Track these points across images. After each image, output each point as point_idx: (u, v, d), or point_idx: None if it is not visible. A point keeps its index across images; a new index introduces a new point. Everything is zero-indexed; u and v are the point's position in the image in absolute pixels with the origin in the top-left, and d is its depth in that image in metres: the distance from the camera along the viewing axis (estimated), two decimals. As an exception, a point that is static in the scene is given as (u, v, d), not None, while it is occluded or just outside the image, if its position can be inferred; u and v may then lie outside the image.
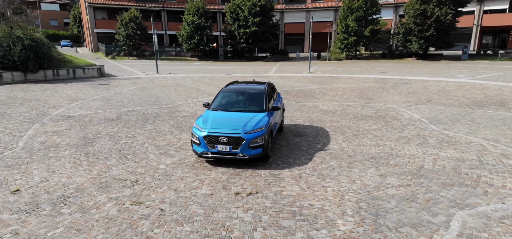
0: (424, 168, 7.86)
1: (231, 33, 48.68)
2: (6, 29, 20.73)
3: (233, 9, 47.58)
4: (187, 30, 46.41)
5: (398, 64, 37.09)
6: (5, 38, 20.28)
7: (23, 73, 20.92)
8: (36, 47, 20.97)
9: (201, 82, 22.46)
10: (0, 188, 6.47)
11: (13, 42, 20.26)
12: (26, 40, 20.58)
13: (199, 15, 46.18)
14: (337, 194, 6.59)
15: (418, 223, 5.53)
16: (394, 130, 11.03)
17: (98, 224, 5.34)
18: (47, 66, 22.00)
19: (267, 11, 47.11)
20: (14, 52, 20.12)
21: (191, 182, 7.05)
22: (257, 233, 5.24)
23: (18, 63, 20.40)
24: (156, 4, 57.34)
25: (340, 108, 14.37)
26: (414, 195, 6.54)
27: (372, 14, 44.79)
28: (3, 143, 9.30)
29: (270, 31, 48.49)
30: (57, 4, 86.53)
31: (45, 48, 21.90)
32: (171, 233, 5.15)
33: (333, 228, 5.44)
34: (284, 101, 15.84)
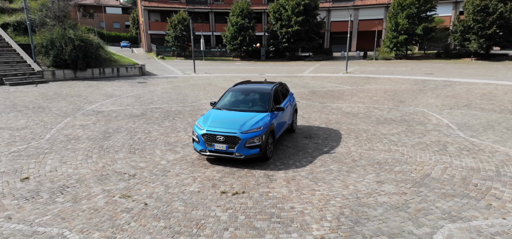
0: (430, 176, 7.28)
1: (273, 33, 48.85)
2: (59, 31, 22.89)
3: (276, 9, 47.65)
4: (231, 31, 47.52)
5: (452, 64, 34.39)
6: (58, 39, 22.40)
7: (73, 71, 22.95)
8: (85, 47, 22.88)
9: (232, 82, 22.78)
10: (14, 175, 7.20)
11: (65, 42, 22.31)
12: (76, 40, 22.55)
13: (243, 16, 46.96)
14: (323, 198, 6.37)
15: (397, 234, 5.17)
16: (414, 135, 10.31)
17: (83, 214, 5.72)
18: (94, 65, 23.90)
19: (311, 10, 46.43)
20: (65, 51, 22.16)
21: (184, 179, 7.25)
22: (227, 233, 5.25)
23: (68, 62, 22.43)
24: (205, 6, 59.47)
25: (364, 111, 13.75)
26: (406, 204, 6.11)
27: (426, 11, 42.00)
28: (33, 134, 10.31)
29: (313, 30, 47.77)
30: (120, 8, 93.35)
31: (93, 48, 23.78)
32: (145, 227, 5.35)
33: (305, 232, 5.29)
34: (302, 102, 15.65)
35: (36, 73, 21.46)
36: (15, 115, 12.53)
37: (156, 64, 36.98)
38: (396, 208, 6.01)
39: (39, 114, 12.79)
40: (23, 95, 16.75)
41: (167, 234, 5.17)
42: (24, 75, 20.90)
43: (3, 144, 9.27)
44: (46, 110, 13.59)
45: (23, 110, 13.38)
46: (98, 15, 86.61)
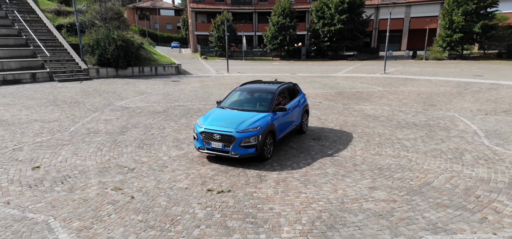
0: (430, 185, 6.78)
1: (315, 32, 48.08)
2: (104, 32, 24.66)
3: (319, 7, 46.82)
4: (272, 30, 47.64)
5: (510, 66, 31.11)
6: (103, 39, 24.12)
7: (115, 70, 24.57)
8: (126, 47, 24.38)
9: (264, 81, 22.88)
10: (28, 164, 7.92)
11: (109, 43, 23.97)
12: (118, 41, 24.13)
13: (284, 15, 46.81)
14: (306, 201, 6.23)
15: (369, 243, 4.89)
16: (432, 141, 9.59)
17: (72, 203, 6.11)
18: (134, 64, 25.37)
19: (355, 8, 44.89)
20: (108, 51, 23.82)
21: (177, 175, 7.45)
22: (198, 230, 5.32)
23: (111, 60, 24.06)
24: (249, 6, 60.27)
25: (387, 114, 13.05)
26: (391, 212, 5.78)
27: (485, 7, 38.44)
28: (60, 127, 11.23)
29: (358, 29, 46.16)
30: (173, 10, 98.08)
31: (134, 48, 25.25)
32: (122, 220, 5.59)
33: (274, 234, 5.21)
34: (325, 103, 15.26)
35: (82, 71, 23.36)
36: (52, 109, 13.75)
37: (197, 64, 38.24)
38: (378, 215, 5.70)
39: (72, 109, 13.92)
40: (66, 90, 18.32)
41: (140, 227, 5.38)
42: (71, 73, 22.86)
43: (31, 134, 10.25)
44: (80, 105, 14.74)
45: (61, 105, 14.65)
46: (153, 17, 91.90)
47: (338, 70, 30.58)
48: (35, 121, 11.90)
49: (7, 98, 15.90)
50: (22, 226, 5.28)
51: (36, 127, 11.07)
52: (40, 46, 24.05)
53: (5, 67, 21.58)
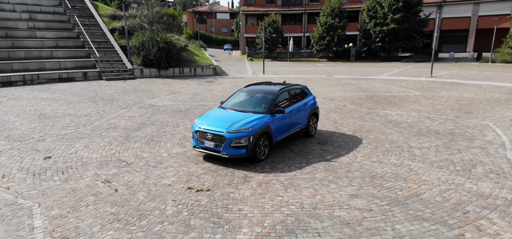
0: (418, 197, 6.31)
1: (366, 32, 46.16)
2: (149, 34, 26.30)
3: (371, 6, 44.87)
4: (319, 31, 46.79)
5: None
6: (148, 42, 25.76)
7: (157, 70, 26.07)
8: (167, 49, 25.75)
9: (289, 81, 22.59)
10: (43, 154, 8.77)
11: (152, 45, 25.54)
12: (161, 43, 25.58)
13: (333, 15, 45.66)
14: (278, 204, 6.15)
15: (319, 253, 4.66)
16: (447, 151, 8.80)
17: (61, 193, 6.60)
18: (175, 65, 26.67)
19: (412, 7, 42.15)
20: (151, 52, 25.37)
21: (167, 172, 7.72)
22: (159, 226, 5.48)
23: (154, 61, 25.60)
24: (299, 7, 59.88)
25: (411, 120, 12.16)
26: (361, 221, 5.51)
27: None
28: (87, 121, 12.23)
29: (414, 29, 43.29)
30: (228, 13, 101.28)
31: (175, 50, 26.59)
32: (96, 211, 5.91)
33: (231, 234, 5.23)
34: (349, 107, 14.68)
35: (128, 70, 25.17)
36: (88, 105, 15.05)
37: (240, 65, 38.93)
38: (345, 223, 5.46)
39: (105, 105, 15.10)
40: (108, 88, 19.90)
41: (108, 219, 5.66)
42: (118, 72, 24.76)
43: (59, 127, 11.34)
44: (114, 102, 15.93)
45: (97, 101, 15.97)
46: (210, 21, 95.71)
47: (381, 72, 29.05)
48: (69, 115, 13.14)
49: (55, 94, 17.75)
50: (8, 211, 5.88)
51: (67, 121, 12.22)
52: (93, 47, 26.45)
53: (62, 66, 24.11)
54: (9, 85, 20.53)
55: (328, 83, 22.66)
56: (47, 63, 23.76)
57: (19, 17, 28.39)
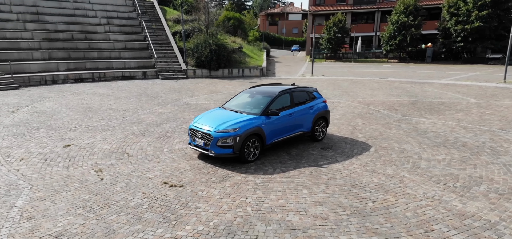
0: (387, 210, 5.87)
1: (445, 30, 41.74)
2: (203, 37, 27.74)
3: (452, 3, 40.40)
4: (390, 30, 43.77)
5: None
6: (201, 44, 27.21)
7: (208, 71, 27.37)
8: (218, 51, 26.86)
9: (334, 86, 21.64)
10: (66, 142, 9.96)
11: (205, 47, 26.91)
12: (213, 45, 26.80)
13: (407, 13, 42.28)
14: (236, 206, 6.17)
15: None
16: (460, 165, 7.83)
17: (55, 178, 7.37)
18: (224, 66, 27.68)
19: (502, 3, 36.98)
20: (203, 54, 26.75)
21: (156, 166, 8.16)
22: (114, 216, 5.80)
23: (205, 62, 26.96)
24: (372, 5, 56.88)
25: (443, 130, 10.88)
26: (307, 229, 5.38)
27: None
28: (121, 115, 13.41)
29: (506, 27, 37.76)
30: (300, 14, 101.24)
31: (226, 52, 27.60)
32: (73, 197, 6.49)
33: (172, 229, 5.40)
34: (383, 112, 13.73)
35: (182, 71, 26.93)
36: (132, 101, 16.52)
37: (298, 66, 38.63)
38: (290, 229, 5.35)
39: (147, 101, 16.41)
40: (158, 87, 21.56)
41: (76, 205, 6.16)
42: (173, 72, 26.65)
43: (94, 119, 12.68)
44: (155, 99, 17.21)
45: (142, 98, 17.45)
46: (281, 22, 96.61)
47: (448, 76, 26.14)
48: (110, 109, 14.63)
49: (111, 90, 19.86)
50: (4, 190, 6.76)
51: (105, 114, 13.63)
52: (156, 49, 28.90)
53: (126, 66, 26.84)
54: (80, 81, 23.60)
55: (375, 87, 21.24)
56: (114, 62, 26.69)
57: (99, 22, 32.32)
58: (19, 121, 12.19)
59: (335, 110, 14.25)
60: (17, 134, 10.64)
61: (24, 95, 17.75)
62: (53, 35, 27.89)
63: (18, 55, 24.33)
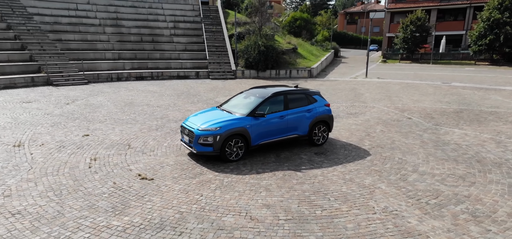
0: (331, 219, 5.65)
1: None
2: (253, 39, 28.23)
3: None
4: (479, 28, 38.60)
5: None
6: (251, 46, 27.74)
7: (256, 71, 27.76)
8: (266, 52, 27.07)
9: (380, 89, 19.98)
10: (85, 131, 11.18)
11: (253, 48, 27.37)
12: (261, 47, 27.11)
13: (502, 9, 36.87)
14: (184, 202, 6.35)
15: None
16: (458, 181, 6.99)
17: (55, 163, 8.29)
18: (272, 67, 27.75)
19: None
20: (251, 55, 27.24)
21: (145, 159, 8.68)
22: (72, 201, 6.33)
23: (253, 64, 27.41)
24: (463, 0, 50.87)
25: (470, 143, 9.54)
26: (234, 230, 5.44)
27: None
28: (151, 111, 14.41)
29: None
30: (383, 12, 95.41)
31: (274, 53, 27.64)
32: (54, 180, 7.24)
33: (109, 219, 5.77)
34: (415, 119, 12.60)
35: (231, 71, 27.82)
36: (172, 98, 17.63)
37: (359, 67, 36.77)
38: (217, 229, 5.46)
39: (184, 99, 17.37)
40: (204, 86, 22.60)
41: (53, 188, 6.86)
42: (223, 73, 27.68)
43: (127, 113, 13.83)
44: (193, 97, 18.11)
45: (182, 96, 18.53)
46: (360, 21, 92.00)
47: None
48: (147, 105, 15.85)
49: (161, 88, 21.45)
50: (8, 169, 7.92)
51: (139, 109, 14.82)
52: (211, 51, 30.37)
53: (183, 66, 28.74)
54: (141, 79, 26.03)
55: (428, 92, 19.16)
56: (172, 63, 28.82)
57: (166, 26, 35.17)
58: (66, 112, 14.05)
59: (362, 116, 13.31)
60: (56, 123, 12.27)
61: (87, 90, 20.33)
62: (125, 37, 31.24)
63: (93, 55, 27.86)
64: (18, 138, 10.26)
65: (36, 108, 14.63)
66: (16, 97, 17.30)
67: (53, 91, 19.64)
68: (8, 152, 8.98)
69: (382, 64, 41.49)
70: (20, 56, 24.68)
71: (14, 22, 27.32)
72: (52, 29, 28.84)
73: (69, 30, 29.66)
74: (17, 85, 21.42)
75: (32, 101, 16.14)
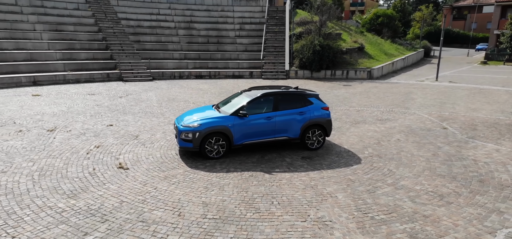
0: (255, 223, 5.60)
1: None
2: (309, 39, 27.45)
3: None
4: None
5: None
6: (307, 45, 27.04)
7: (310, 72, 26.93)
8: (321, 52, 26.06)
9: (440, 94, 17.42)
10: (114, 122, 12.34)
11: (308, 48, 26.64)
12: (317, 46, 26.21)
13: None
14: (132, 192, 6.67)
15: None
16: (425, 195, 5.76)
17: (63, 147, 9.34)
18: (327, 67, 26.56)
19: None
20: (305, 55, 26.56)
21: (139, 150, 9.27)
22: (47, 181, 7.13)
23: (306, 64, 26.69)
24: None
25: (491, 160, 8.19)
26: (153, 223, 5.50)
27: None
28: (185, 106, 15.24)
29: None
30: (499, 6, 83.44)
31: (330, 53, 26.40)
32: (47, 163, 8.12)
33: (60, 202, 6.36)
34: (445, 129, 11.21)
35: (283, 71, 27.56)
36: (211, 96, 18.32)
37: (443, 70, 32.94)
38: (139, 221, 5.67)
39: (223, 96, 17.80)
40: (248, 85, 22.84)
41: (41, 169, 7.77)
42: (276, 73, 27.58)
43: (162, 107, 14.79)
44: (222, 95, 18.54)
45: (223, 94, 19.04)
46: (471, 16, 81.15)
47: None
48: (185, 101, 16.73)
49: (210, 86, 22.40)
50: (25, 149, 9.24)
51: (174, 105, 15.73)
52: (269, 51, 30.60)
53: (239, 66, 29.55)
54: (200, 78, 27.60)
55: (497, 100, 16.25)
56: (230, 63, 29.88)
57: (233, 28, 36.57)
58: (113, 104, 15.74)
59: (390, 122, 12.00)
60: (97, 113, 13.85)
61: (146, 86, 22.42)
62: (194, 39, 33.46)
63: (163, 55, 30.53)
64: (56, 123, 11.92)
65: (93, 99, 16.74)
66: (86, 90, 20.02)
67: (118, 86, 22.14)
68: (39, 135, 10.53)
69: (479, 67, 36.01)
70: (102, 54, 28.39)
71: (105, 25, 31.40)
72: (134, 32, 32.39)
73: (148, 33, 32.94)
74: (95, 79, 24.72)
75: (95, 94, 18.49)
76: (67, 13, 30.03)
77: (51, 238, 5.06)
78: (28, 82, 21.71)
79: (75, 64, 25.51)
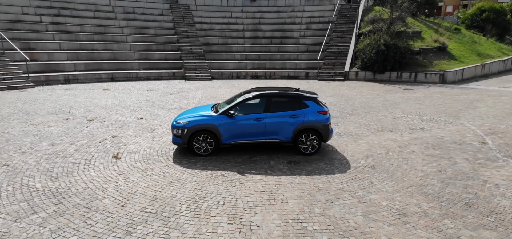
0: (184, 230, 5.26)
1: None
2: (374, 38, 25.38)
3: None
4: None
5: None
6: (370, 45, 25.08)
7: (372, 73, 24.87)
8: (385, 52, 23.85)
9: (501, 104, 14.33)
10: (147, 116, 13.30)
11: (371, 48, 24.67)
12: (381, 46, 24.10)
13: None
14: (107, 181, 7.14)
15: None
16: (388, 216, 4.85)
17: (83, 134, 10.38)
18: (392, 68, 24.13)
19: None
20: (367, 56, 24.64)
21: (144, 141, 9.88)
22: (46, 163, 8.03)
23: (368, 64, 24.73)
24: None
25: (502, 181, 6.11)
26: (96, 211, 5.75)
27: None
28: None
29: None
30: None
31: (396, 53, 23.95)
32: (60, 148, 9.10)
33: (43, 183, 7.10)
34: (457, 137, 8.78)
35: (342, 73, 26.03)
36: (249, 96, 18.49)
37: None
38: (84, 207, 6.01)
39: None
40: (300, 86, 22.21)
41: (52, 152, 8.79)
42: (334, 74, 26.24)
43: (200, 104, 15.65)
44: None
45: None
46: None
47: None
48: (223, 99, 17.28)
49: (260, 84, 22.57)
50: (67, 133, 10.67)
51: (212, 102, 16.39)
52: (331, 51, 29.36)
53: (297, 67, 28.98)
54: (255, 78, 27.95)
55: None
56: (288, 63, 29.53)
57: (299, 28, 36.09)
58: (160, 100, 16.86)
59: (422, 132, 10.51)
60: (140, 106, 15.01)
61: (200, 84, 23.61)
62: (257, 40, 34.03)
63: (226, 56, 31.77)
64: (99, 114, 13.35)
65: (146, 95, 18.32)
66: (149, 86, 21.89)
67: (178, 84, 23.77)
68: (78, 124, 11.95)
69: None
70: (173, 55, 30.83)
71: (180, 29, 34.03)
72: (205, 34, 34.40)
73: (217, 35, 34.62)
74: (163, 77, 27.00)
75: (153, 90, 20.22)
76: (152, 18, 33.13)
77: (5, 212, 5.74)
78: (107, 78, 24.79)
79: (148, 64, 28.16)
